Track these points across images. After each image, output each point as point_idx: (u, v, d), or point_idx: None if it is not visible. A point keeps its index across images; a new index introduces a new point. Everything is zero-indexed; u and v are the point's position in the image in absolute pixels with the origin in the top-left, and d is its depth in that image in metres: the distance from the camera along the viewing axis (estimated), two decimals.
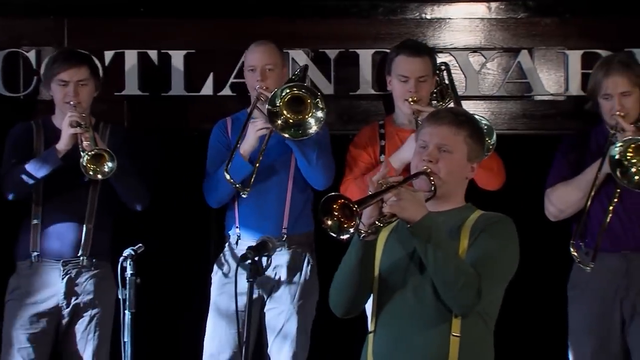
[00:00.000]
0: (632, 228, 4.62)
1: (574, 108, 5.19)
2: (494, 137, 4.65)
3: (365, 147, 4.84)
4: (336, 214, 3.14)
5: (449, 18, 5.29)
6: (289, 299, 4.82)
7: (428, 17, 5.31)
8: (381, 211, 3.24)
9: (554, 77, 5.23)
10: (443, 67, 5.06)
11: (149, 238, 4.45)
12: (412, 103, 4.66)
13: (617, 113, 4.55)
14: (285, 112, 4.70)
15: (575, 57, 5.18)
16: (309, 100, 4.71)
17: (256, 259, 3.75)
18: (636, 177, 4.44)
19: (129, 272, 4.16)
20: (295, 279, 4.83)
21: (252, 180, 4.74)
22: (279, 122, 4.69)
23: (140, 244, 4.26)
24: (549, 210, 4.74)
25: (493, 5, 5.29)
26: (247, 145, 4.77)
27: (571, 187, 4.64)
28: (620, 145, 4.43)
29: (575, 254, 4.55)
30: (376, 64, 5.29)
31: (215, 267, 4.94)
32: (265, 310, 4.86)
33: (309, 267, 4.87)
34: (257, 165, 4.75)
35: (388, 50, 5.22)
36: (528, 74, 5.24)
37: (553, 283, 5.04)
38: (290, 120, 4.70)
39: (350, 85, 5.31)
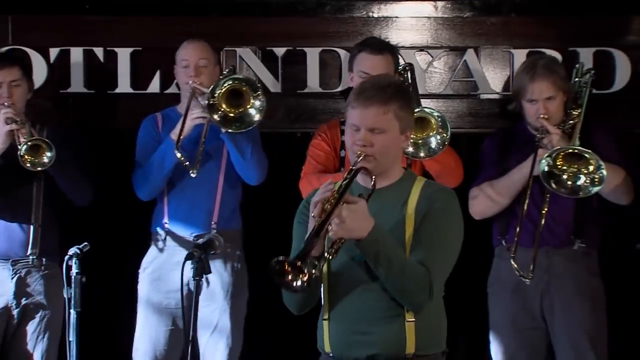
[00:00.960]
0: (553, 226, 4.66)
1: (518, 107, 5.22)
2: (449, 130, 4.63)
3: (326, 140, 4.82)
4: (289, 270, 3.11)
5: (396, 17, 5.31)
6: (222, 296, 4.83)
7: (375, 15, 5.33)
8: (329, 238, 3.23)
9: (499, 75, 5.27)
10: (408, 68, 5.05)
11: (94, 237, 4.42)
12: None
13: (542, 116, 4.59)
14: (224, 105, 4.70)
15: (520, 56, 5.21)
16: (247, 92, 4.72)
17: (202, 257, 3.75)
18: (569, 183, 4.47)
19: (74, 270, 4.12)
20: (227, 275, 4.85)
21: (198, 161, 4.72)
22: (216, 116, 4.69)
23: (86, 243, 4.22)
24: (475, 208, 4.75)
25: (439, 4, 5.32)
26: (183, 131, 4.74)
27: (497, 188, 4.68)
28: (548, 157, 4.46)
29: (516, 265, 4.55)
30: (324, 62, 5.30)
31: (143, 263, 4.93)
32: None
33: (239, 263, 4.90)
34: (201, 148, 4.74)
35: (335, 49, 5.26)
36: (474, 72, 5.27)
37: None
38: (231, 115, 4.71)
39: (298, 83, 5.31)
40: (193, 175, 4.70)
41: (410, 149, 4.55)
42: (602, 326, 4.66)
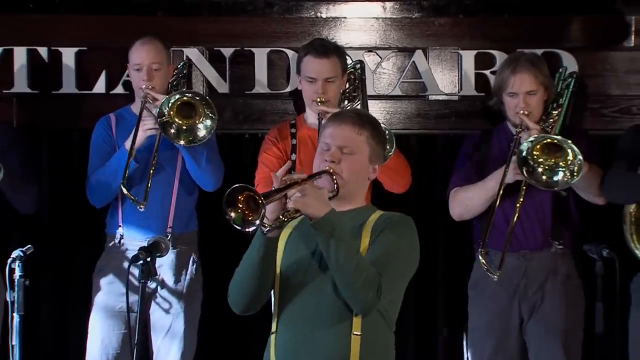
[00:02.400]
0: (530, 229, 4.66)
1: (467, 108, 5.24)
2: (394, 145, 4.59)
3: (277, 144, 4.79)
4: (241, 206, 3.10)
5: (344, 17, 5.30)
6: (175, 298, 4.79)
7: (323, 16, 5.31)
8: (285, 206, 3.22)
9: (448, 77, 5.26)
10: (358, 65, 5.04)
11: (39, 239, 4.36)
12: (319, 104, 4.63)
13: (522, 112, 4.59)
14: (176, 119, 4.66)
15: (468, 57, 5.22)
16: (199, 106, 4.69)
17: (148, 259, 3.72)
18: (544, 177, 4.47)
19: (17, 273, 4.07)
20: (182, 278, 4.81)
21: (148, 190, 4.69)
22: (172, 130, 4.66)
23: (30, 245, 4.18)
24: (454, 210, 4.74)
25: (388, 5, 5.31)
26: (135, 143, 4.70)
27: (477, 189, 4.65)
28: (530, 142, 4.46)
29: (484, 261, 4.52)
30: (272, 62, 5.27)
31: (97, 267, 4.86)
32: (150, 310, 4.81)
33: (194, 265, 4.85)
34: (152, 171, 4.71)
35: (283, 49, 5.24)
36: (423, 73, 5.26)
37: (453, 282, 5.10)
38: (184, 127, 4.67)
39: (246, 84, 5.27)
40: (141, 210, 4.66)
41: None
42: (578, 329, 4.66)
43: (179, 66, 5.07)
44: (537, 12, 5.25)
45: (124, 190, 4.64)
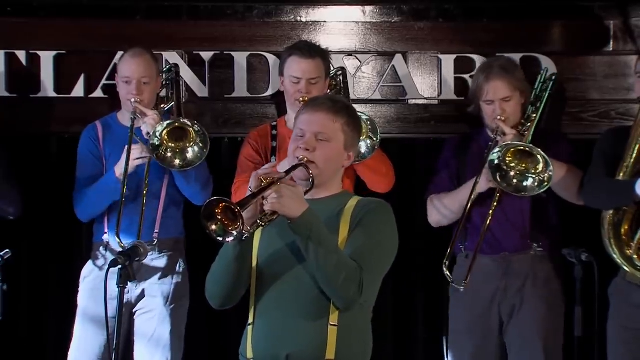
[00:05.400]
0: (510, 231, 4.68)
1: (447, 112, 5.25)
2: (379, 135, 4.61)
3: (257, 147, 4.78)
4: (219, 217, 3.14)
5: (324, 21, 5.29)
6: (161, 303, 4.75)
7: (303, 20, 5.30)
8: (262, 209, 3.24)
9: (427, 81, 5.27)
10: (340, 72, 5.06)
11: (17, 244, 4.33)
12: (302, 103, 4.62)
13: (498, 118, 4.63)
14: (170, 144, 4.64)
15: (448, 61, 5.24)
16: (190, 130, 4.68)
17: (127, 264, 3.70)
18: (514, 181, 4.52)
19: None
20: (167, 283, 4.78)
21: (141, 225, 4.66)
22: (169, 155, 4.65)
23: (7, 250, 4.16)
24: (431, 217, 4.79)
25: (368, 9, 5.31)
26: (124, 170, 4.66)
27: (452, 198, 4.69)
28: (499, 151, 4.51)
29: (448, 274, 4.58)
30: (252, 66, 5.26)
31: (83, 273, 4.84)
32: (135, 316, 4.79)
33: (181, 271, 4.82)
34: (144, 201, 4.70)
35: (263, 53, 5.23)
36: (402, 77, 5.27)
37: (432, 285, 5.12)
38: (177, 150, 4.65)
39: (225, 88, 5.27)
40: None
41: None
42: (558, 331, 4.68)
43: (164, 70, 5.05)
44: (517, 16, 5.26)
45: (117, 240, 4.62)
